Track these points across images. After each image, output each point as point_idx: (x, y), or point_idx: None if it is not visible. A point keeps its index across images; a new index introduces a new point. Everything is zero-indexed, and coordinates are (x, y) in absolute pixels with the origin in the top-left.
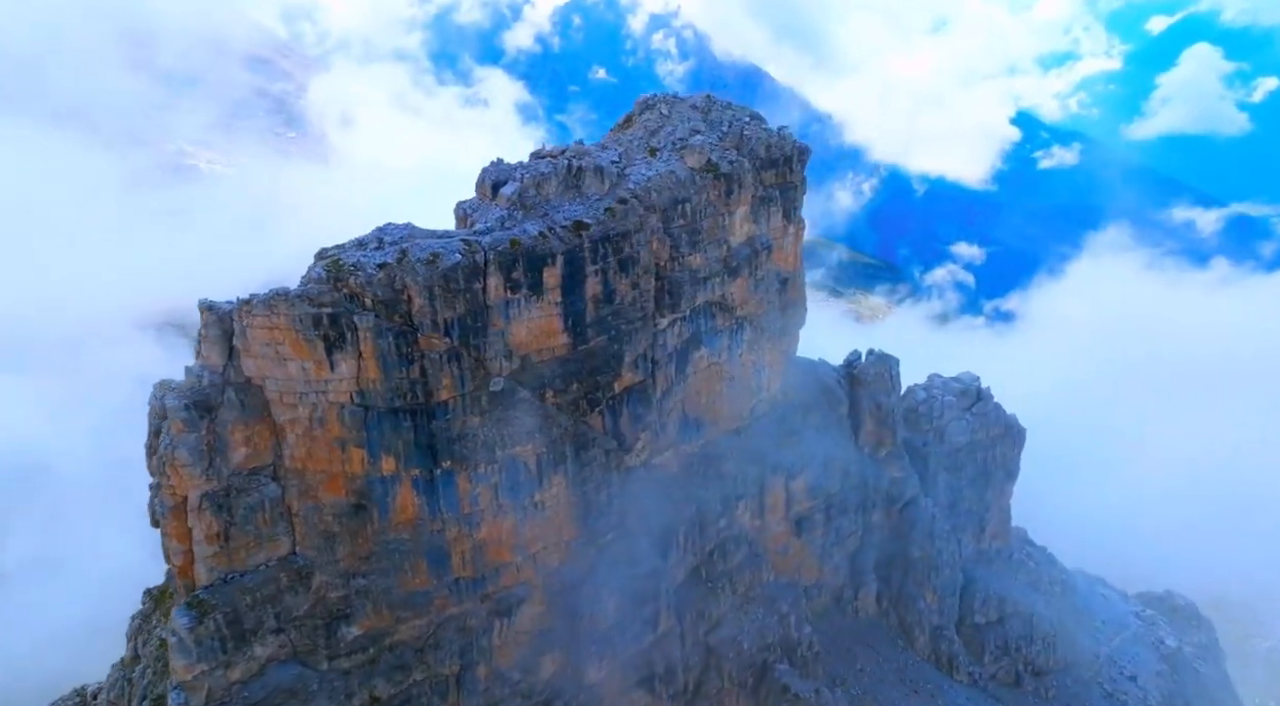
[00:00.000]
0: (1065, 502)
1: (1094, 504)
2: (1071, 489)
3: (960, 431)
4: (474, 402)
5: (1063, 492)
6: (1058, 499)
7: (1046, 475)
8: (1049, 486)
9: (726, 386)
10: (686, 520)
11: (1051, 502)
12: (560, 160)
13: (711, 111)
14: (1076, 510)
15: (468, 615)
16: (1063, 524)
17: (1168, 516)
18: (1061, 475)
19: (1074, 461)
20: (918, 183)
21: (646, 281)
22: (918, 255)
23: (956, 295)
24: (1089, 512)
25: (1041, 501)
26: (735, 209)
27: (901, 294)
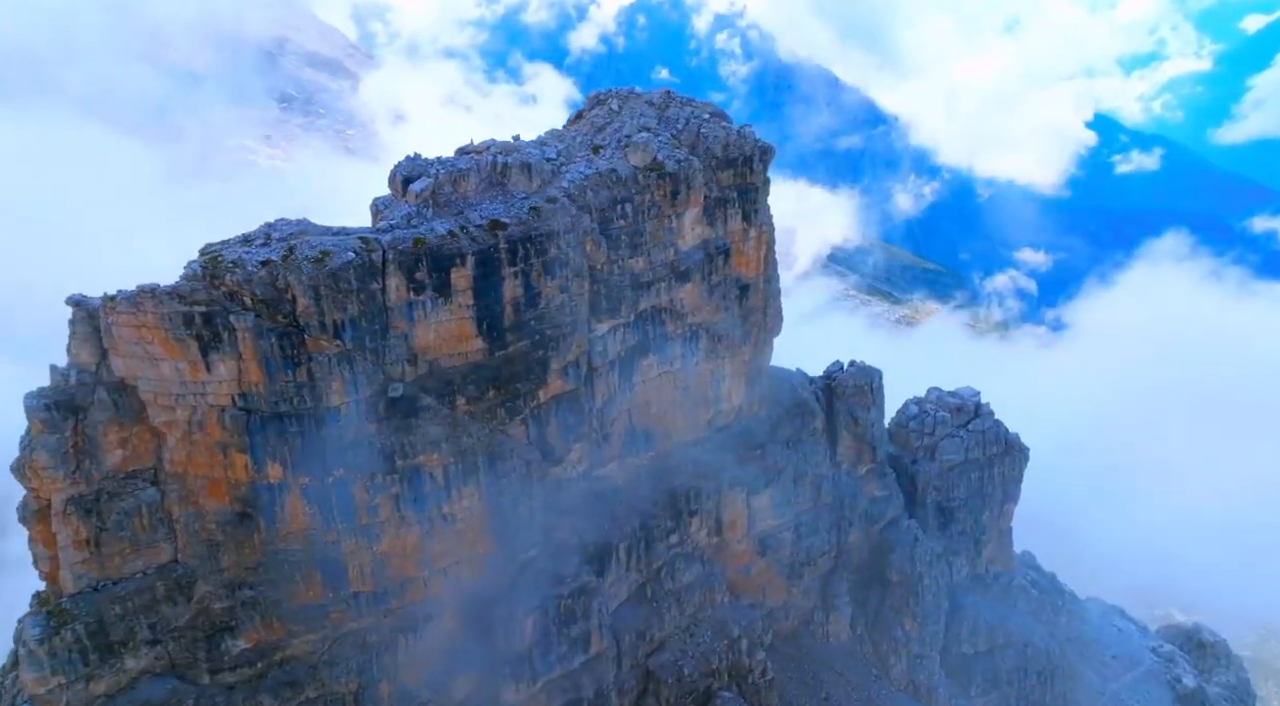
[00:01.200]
0: (1103, 529)
1: (1135, 531)
2: (1111, 513)
3: (953, 449)
4: (370, 409)
5: (1101, 518)
6: (1095, 525)
7: (1083, 498)
8: (1085, 510)
9: (681, 396)
10: (628, 536)
11: (1088, 529)
12: (485, 156)
13: (669, 108)
14: (1114, 537)
15: (368, 631)
16: (1099, 551)
17: (1215, 547)
18: (1100, 498)
19: (1114, 484)
20: (982, 186)
21: (579, 285)
22: (979, 260)
23: (1017, 302)
24: (1128, 540)
25: (1077, 527)
26: (684, 210)
27: (960, 300)
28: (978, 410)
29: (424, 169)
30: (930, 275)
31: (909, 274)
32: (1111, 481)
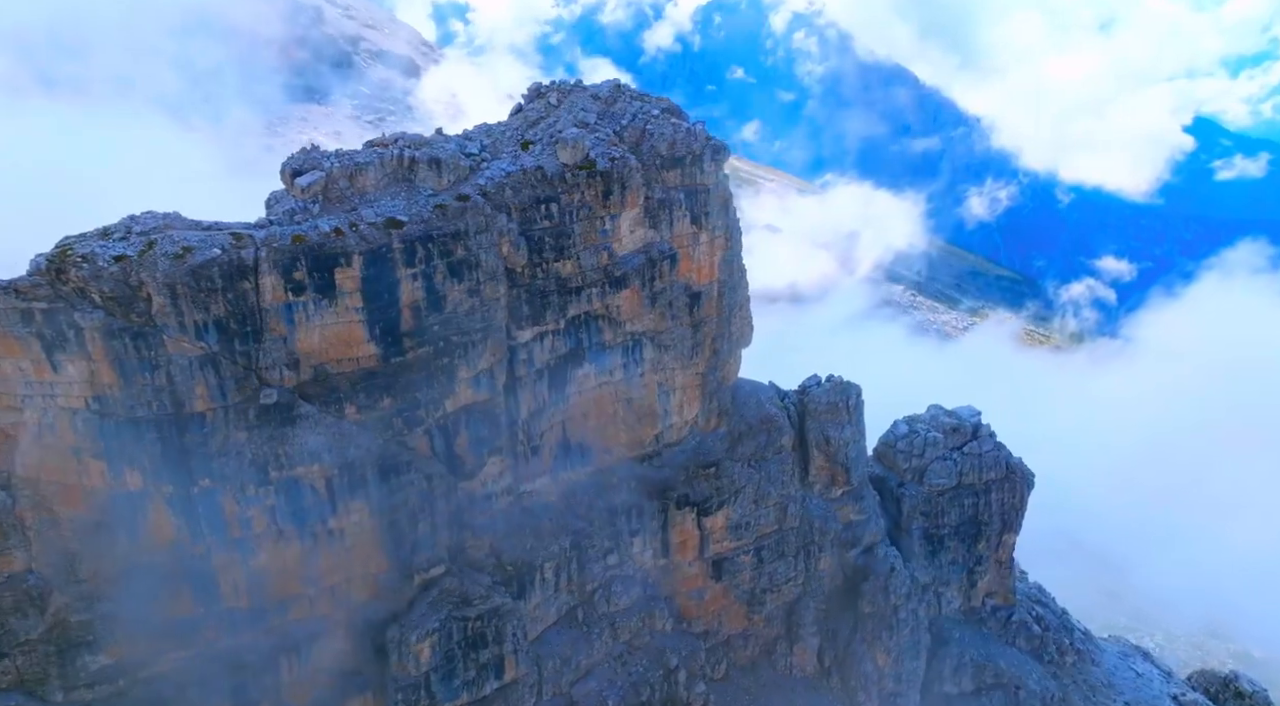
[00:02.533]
0: (1154, 565)
1: (1188, 569)
2: (1164, 548)
3: (943, 473)
4: (239, 416)
5: (1153, 552)
6: (1146, 560)
7: (1134, 530)
8: (1136, 543)
9: (624, 409)
10: (556, 556)
11: (1138, 564)
12: (390, 149)
13: (617, 102)
14: (1166, 574)
15: (244, 649)
16: (1148, 588)
17: (1275, 591)
18: (1153, 530)
19: (1169, 516)
20: (1063, 192)
21: (493, 288)
22: (1055, 268)
23: (1094, 313)
24: (1181, 578)
25: (1127, 561)
26: (620, 212)
27: (1032, 309)
28: (976, 432)
29: (318, 162)
30: (1003, 282)
31: (980, 281)
32: (1166, 513)
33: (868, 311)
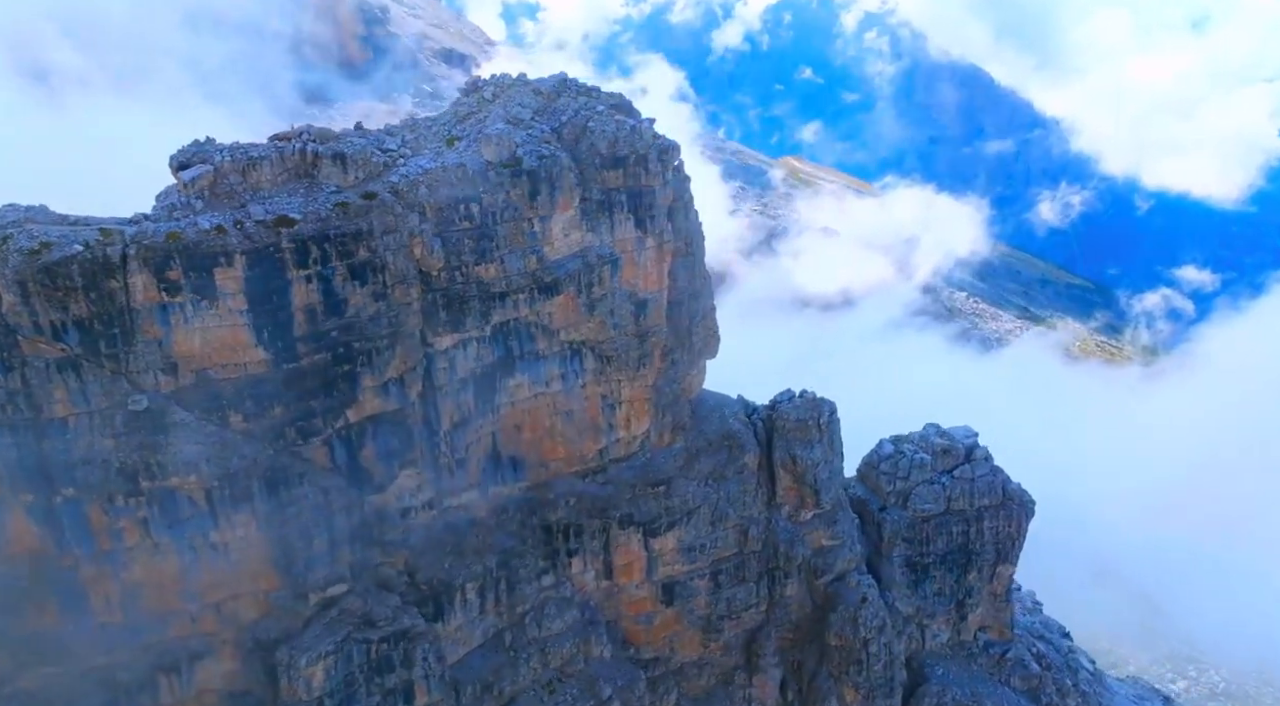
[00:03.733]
0: (1199, 604)
1: (1236, 611)
2: (1210, 586)
3: (929, 497)
4: (105, 422)
5: (1198, 590)
6: (1191, 598)
7: (1179, 565)
8: (1181, 579)
9: (562, 422)
10: (480, 575)
11: (1183, 601)
12: (291, 143)
13: (560, 98)
14: (1212, 614)
15: (119, 667)
16: (1191, 628)
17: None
18: (1199, 566)
19: (1217, 551)
20: (1142, 198)
21: (403, 292)
22: (1129, 277)
23: (1169, 325)
24: (1228, 619)
25: (1171, 598)
26: (550, 213)
27: (1102, 319)
28: (970, 454)
29: (208, 155)
30: (1074, 291)
31: (1049, 289)
32: (1215, 546)
33: (904, 318)
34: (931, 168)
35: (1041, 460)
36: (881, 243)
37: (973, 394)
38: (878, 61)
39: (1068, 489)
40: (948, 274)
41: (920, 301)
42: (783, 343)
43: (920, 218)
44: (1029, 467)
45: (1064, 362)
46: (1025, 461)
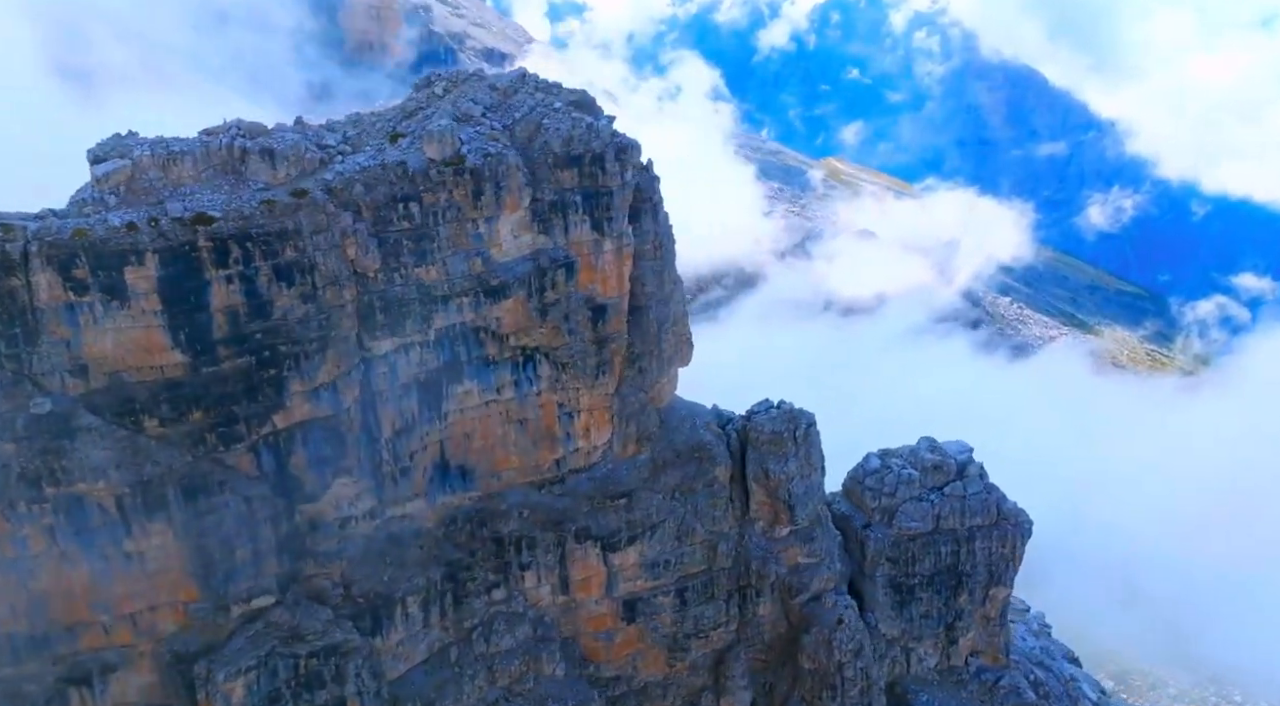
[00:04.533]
0: (1229, 635)
1: (1271, 645)
2: (1241, 616)
3: (917, 515)
4: (5, 425)
5: (1228, 621)
6: (1221, 628)
7: (1208, 592)
8: (1210, 608)
9: (515, 431)
10: (423, 589)
11: (1213, 631)
12: (217, 137)
13: (517, 94)
14: (1241, 648)
15: (25, 680)
16: (1221, 663)
17: None
18: (1229, 594)
19: (1251, 579)
20: (1199, 203)
21: (335, 294)
22: (1182, 284)
23: (1222, 334)
24: (1259, 654)
25: (1201, 628)
26: (497, 214)
27: (1151, 327)
28: (963, 471)
29: (127, 149)
30: (1124, 298)
31: (1098, 295)
32: (1251, 570)
33: (936, 323)
34: (980, 170)
35: (1069, 473)
36: (920, 246)
37: (1001, 402)
38: (927, 62)
39: (1096, 503)
40: (989, 279)
41: (957, 306)
42: (806, 346)
43: (961, 221)
44: (1056, 481)
45: (1098, 371)
46: (1052, 474)
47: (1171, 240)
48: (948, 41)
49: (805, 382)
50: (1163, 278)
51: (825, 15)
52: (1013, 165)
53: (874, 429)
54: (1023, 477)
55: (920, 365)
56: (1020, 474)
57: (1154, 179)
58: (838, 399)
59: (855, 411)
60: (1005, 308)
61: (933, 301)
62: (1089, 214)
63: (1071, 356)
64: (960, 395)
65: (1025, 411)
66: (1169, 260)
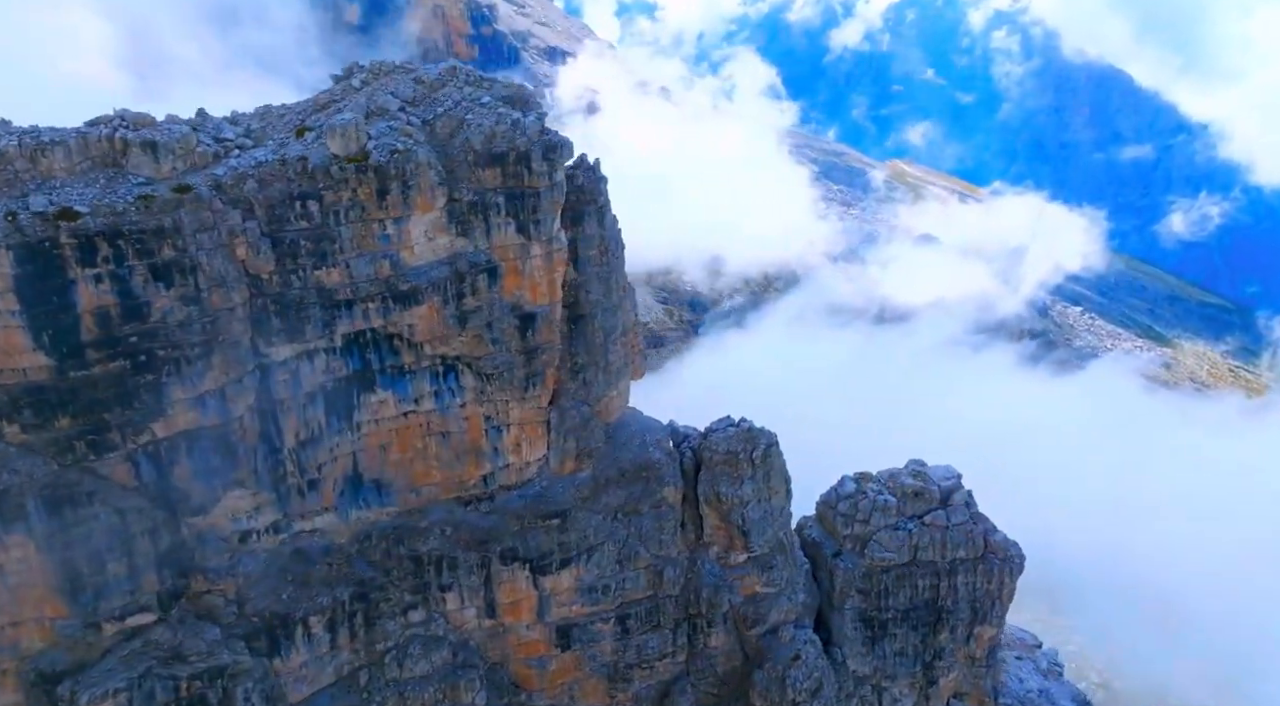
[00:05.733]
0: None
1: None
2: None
3: (891, 545)
4: None
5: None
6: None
7: (1255, 630)
8: (1267, 661)
9: (437, 444)
10: (328, 608)
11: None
12: (97, 128)
13: (445, 87)
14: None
15: None
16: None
17: None
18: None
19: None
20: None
21: (222, 296)
22: (1271, 297)
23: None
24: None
25: (1248, 668)
26: (408, 214)
27: (1235, 342)
28: (947, 499)
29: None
30: (1208, 310)
31: (1178, 307)
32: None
33: (981, 333)
34: (1059, 173)
35: (1116, 498)
36: (984, 252)
37: (1053, 418)
38: (1005, 62)
39: (1143, 532)
40: (1060, 287)
41: (1021, 315)
42: (847, 354)
43: (1029, 227)
44: (1101, 505)
45: (1146, 389)
46: (1098, 498)
47: (1262, 250)
48: (1029, 41)
49: (842, 392)
50: (1251, 289)
51: (900, 14)
52: (1093, 169)
53: (912, 443)
54: (1066, 500)
55: (969, 376)
56: (1063, 496)
57: (1246, 185)
58: (877, 410)
59: (896, 423)
60: (1075, 318)
61: (993, 310)
62: (1171, 221)
63: (1127, 371)
64: (1008, 409)
65: (1080, 428)
66: (1259, 271)
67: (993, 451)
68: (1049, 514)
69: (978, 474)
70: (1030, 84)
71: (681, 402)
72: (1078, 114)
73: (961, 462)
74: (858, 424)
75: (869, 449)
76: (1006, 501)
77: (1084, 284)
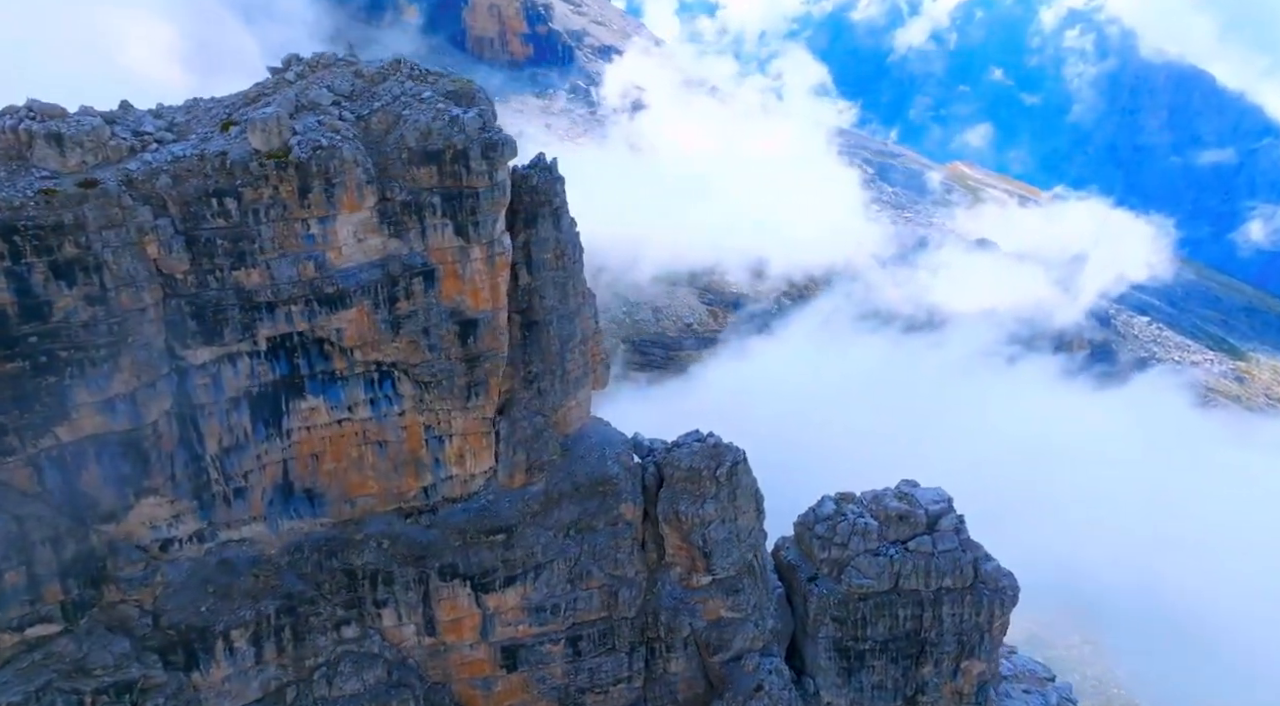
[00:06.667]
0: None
1: None
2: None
3: (870, 570)
4: None
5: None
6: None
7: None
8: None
9: (374, 454)
10: (251, 621)
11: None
12: (2, 120)
13: (387, 81)
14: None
15: None
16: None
17: None
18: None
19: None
20: None
21: (131, 297)
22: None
23: None
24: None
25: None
26: (333, 213)
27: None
28: (935, 524)
29: None
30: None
31: (1256, 319)
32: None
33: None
34: (1133, 177)
35: (1154, 522)
36: (1043, 258)
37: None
38: (1078, 62)
39: (1181, 559)
40: (1122, 296)
41: (1080, 324)
42: (875, 359)
43: (1093, 233)
44: (1138, 529)
45: (1196, 406)
46: (1134, 522)
47: None
48: (1104, 40)
49: (874, 399)
50: None
51: (969, 13)
52: (1169, 174)
53: (942, 456)
54: (1102, 522)
55: (1007, 387)
56: (1100, 518)
57: None
58: (908, 419)
59: (926, 434)
60: (1141, 328)
61: (1050, 318)
62: (1249, 229)
63: (1177, 385)
64: (1046, 422)
65: (1123, 445)
66: None
67: (1027, 468)
68: (1083, 536)
69: (1009, 492)
70: (1104, 85)
71: (704, 407)
72: (1154, 116)
73: (993, 479)
74: (886, 432)
75: (894, 457)
76: (1038, 522)
77: (1151, 292)
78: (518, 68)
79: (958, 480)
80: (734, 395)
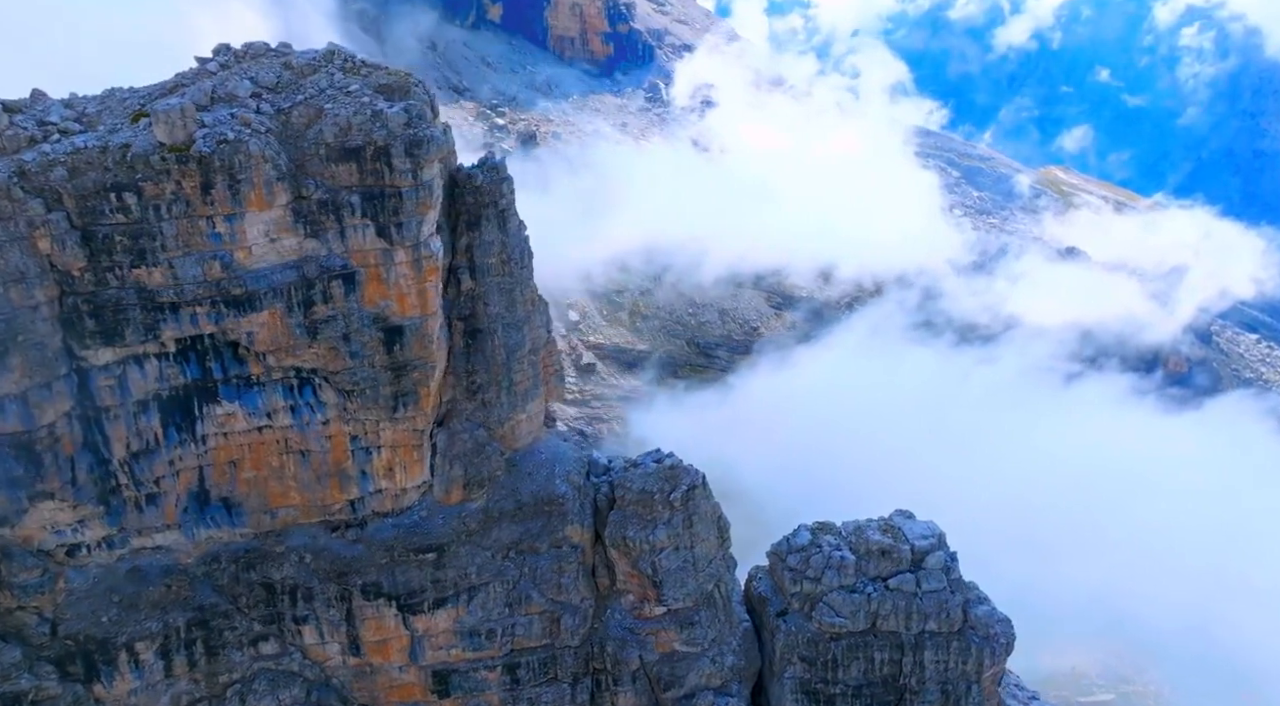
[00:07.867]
0: None
1: None
2: None
3: (843, 609)
4: None
5: None
6: None
7: None
8: None
9: (296, 464)
10: (157, 634)
11: None
12: None
13: (316, 73)
14: None
15: None
16: None
17: None
18: None
19: None
20: None
21: (22, 294)
22: None
23: None
24: None
25: None
26: (240, 211)
27: None
28: (921, 561)
29: None
30: None
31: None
32: None
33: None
34: (1250, 185)
35: (1216, 561)
36: (1138, 270)
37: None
38: (1195, 62)
39: (1241, 605)
40: (1232, 311)
41: (1178, 340)
42: (929, 371)
43: (1195, 245)
44: (1197, 567)
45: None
46: (1194, 559)
47: None
48: (1225, 38)
49: (925, 413)
50: None
51: (1075, 10)
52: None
53: (988, 476)
54: (1158, 557)
55: (1073, 406)
56: (1156, 551)
57: None
58: (957, 436)
59: (978, 451)
60: (1248, 346)
61: (1141, 333)
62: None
63: (1259, 411)
64: (1105, 448)
65: (1191, 474)
66: None
67: (1080, 494)
68: (1137, 571)
69: (1058, 520)
70: (1224, 86)
71: (737, 418)
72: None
73: (1041, 505)
74: (926, 450)
75: (932, 478)
76: (1087, 553)
77: (1261, 308)
78: (598, 66)
79: (1001, 505)
80: (768, 407)
